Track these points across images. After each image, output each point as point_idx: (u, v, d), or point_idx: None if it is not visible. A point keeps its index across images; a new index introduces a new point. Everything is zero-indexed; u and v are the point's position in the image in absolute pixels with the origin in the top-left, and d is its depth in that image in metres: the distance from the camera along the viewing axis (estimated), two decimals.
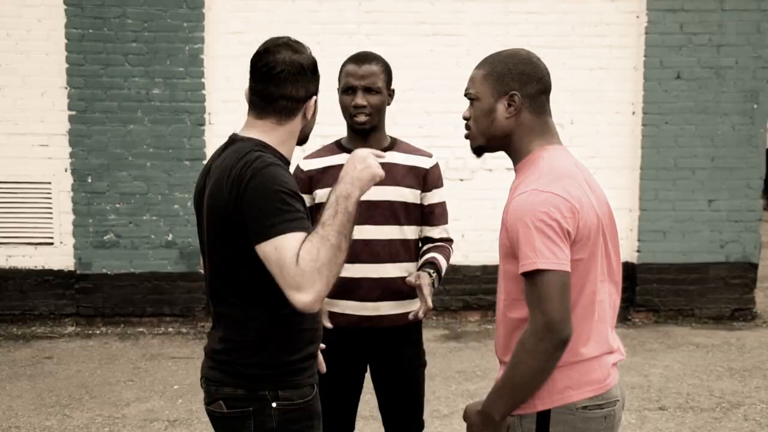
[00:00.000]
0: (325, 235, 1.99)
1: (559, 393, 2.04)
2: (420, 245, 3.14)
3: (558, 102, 7.26)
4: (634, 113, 7.45)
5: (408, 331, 3.09)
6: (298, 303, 1.97)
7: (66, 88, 7.07)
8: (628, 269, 7.50)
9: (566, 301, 1.95)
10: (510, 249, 2.05)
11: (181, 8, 7.03)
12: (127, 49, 7.03)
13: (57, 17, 7.04)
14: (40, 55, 7.10)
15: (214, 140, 7.10)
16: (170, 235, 7.20)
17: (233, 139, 2.24)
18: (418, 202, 3.08)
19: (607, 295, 2.15)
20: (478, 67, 2.20)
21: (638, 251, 7.43)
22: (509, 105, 2.13)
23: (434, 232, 3.12)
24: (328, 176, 3.01)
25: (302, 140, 2.34)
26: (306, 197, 3.04)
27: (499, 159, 7.24)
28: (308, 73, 2.21)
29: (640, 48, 7.35)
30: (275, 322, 2.16)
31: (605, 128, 7.47)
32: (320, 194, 3.03)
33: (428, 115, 7.34)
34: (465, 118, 2.23)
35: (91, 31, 7.00)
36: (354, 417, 3.20)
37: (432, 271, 2.93)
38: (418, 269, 2.98)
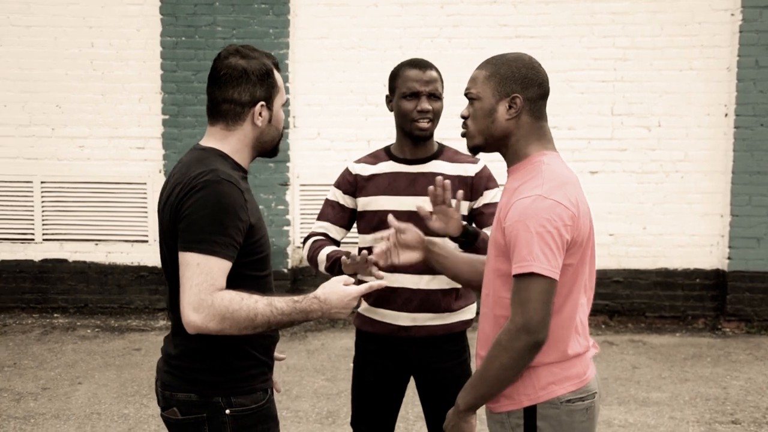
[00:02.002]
0: (258, 310, 2.05)
1: (543, 388, 2.12)
2: None
3: (645, 104, 7.23)
4: (726, 115, 7.17)
5: (449, 342, 3.06)
6: (185, 317, 2.02)
7: (160, 93, 7.43)
8: (719, 277, 7.23)
9: (548, 307, 2.02)
10: (505, 248, 2.10)
11: (268, 15, 7.26)
12: None
13: (153, 26, 7.41)
14: (137, 63, 7.50)
15: (298, 142, 7.29)
16: None
17: (194, 148, 2.27)
18: (464, 212, 3.00)
19: (586, 299, 2.22)
20: (481, 67, 2.23)
21: (729, 258, 7.13)
22: (510, 107, 2.17)
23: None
24: (371, 185, 3.03)
25: (268, 150, 2.33)
26: (347, 198, 3.10)
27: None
28: (253, 77, 2.20)
29: (734, 47, 7.07)
30: None
31: (695, 131, 7.22)
32: (362, 202, 3.05)
33: None
34: (463, 117, 2.27)
35: (183, 38, 7.33)
36: (393, 424, 3.18)
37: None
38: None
